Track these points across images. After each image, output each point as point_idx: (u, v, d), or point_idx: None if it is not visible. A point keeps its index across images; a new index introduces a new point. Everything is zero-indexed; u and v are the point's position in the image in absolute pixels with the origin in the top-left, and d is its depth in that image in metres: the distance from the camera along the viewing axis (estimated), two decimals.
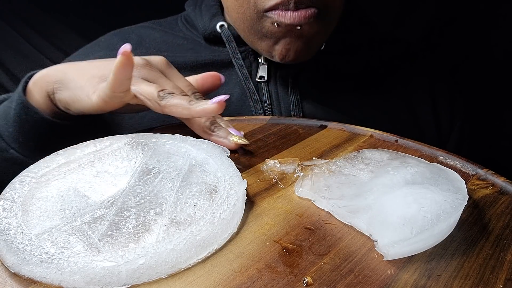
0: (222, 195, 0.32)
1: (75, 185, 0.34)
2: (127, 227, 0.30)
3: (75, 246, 0.28)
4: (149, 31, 0.65)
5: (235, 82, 0.59)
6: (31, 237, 0.28)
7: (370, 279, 0.27)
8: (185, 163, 0.36)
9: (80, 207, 0.32)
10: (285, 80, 0.58)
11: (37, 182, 0.34)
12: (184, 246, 0.28)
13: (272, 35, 0.52)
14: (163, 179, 0.34)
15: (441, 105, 0.63)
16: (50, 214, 0.31)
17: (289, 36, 0.52)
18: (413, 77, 0.64)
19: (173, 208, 0.32)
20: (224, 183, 0.34)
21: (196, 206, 0.32)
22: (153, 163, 0.36)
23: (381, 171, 0.35)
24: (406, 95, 0.62)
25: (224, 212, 0.30)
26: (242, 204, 0.33)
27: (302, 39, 0.52)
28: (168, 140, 0.39)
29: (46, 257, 0.26)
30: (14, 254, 0.27)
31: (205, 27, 0.61)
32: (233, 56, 0.59)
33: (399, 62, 0.64)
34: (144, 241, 0.29)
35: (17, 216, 0.30)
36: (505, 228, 0.33)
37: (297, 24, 0.49)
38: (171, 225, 0.30)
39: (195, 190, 0.34)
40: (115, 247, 0.28)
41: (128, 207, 0.31)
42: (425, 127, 0.61)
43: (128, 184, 0.34)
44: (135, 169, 0.36)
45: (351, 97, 0.60)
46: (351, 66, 0.61)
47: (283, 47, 0.53)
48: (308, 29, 0.51)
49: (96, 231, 0.29)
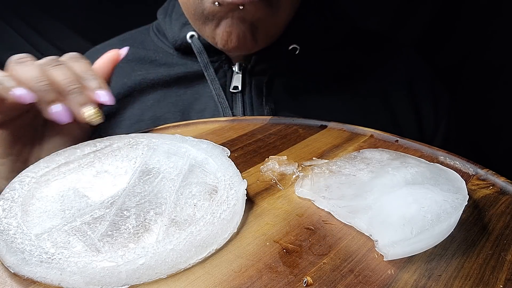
0: (222, 195, 0.32)
1: (75, 185, 0.34)
2: (127, 227, 0.30)
3: (75, 246, 0.28)
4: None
5: (209, 95, 0.57)
6: (31, 237, 0.28)
7: (370, 279, 0.27)
8: (185, 163, 0.36)
9: (80, 207, 0.32)
10: (259, 89, 0.57)
11: (37, 182, 0.34)
12: (184, 246, 0.28)
13: (214, 17, 0.50)
14: (163, 179, 0.34)
15: (422, 103, 0.61)
16: (50, 214, 0.31)
17: (230, 17, 0.50)
18: (392, 77, 0.61)
19: (173, 208, 0.32)
20: (224, 183, 0.33)
21: (196, 206, 0.32)
22: (153, 163, 0.36)
23: (382, 171, 0.35)
24: (385, 95, 0.60)
25: (224, 212, 0.30)
26: (242, 204, 0.32)
27: (245, 24, 0.50)
28: (168, 140, 0.39)
29: (46, 257, 0.26)
30: (14, 254, 0.27)
31: (174, 38, 0.59)
32: (205, 69, 0.57)
33: (378, 62, 0.62)
34: (144, 241, 0.29)
35: (17, 216, 0.30)
36: (505, 228, 0.33)
37: (240, 2, 0.47)
38: (171, 225, 0.30)
39: (195, 190, 0.34)
40: (115, 247, 0.28)
41: (128, 207, 0.31)
42: (404, 126, 0.59)
43: (128, 184, 0.34)
44: (135, 169, 0.35)
45: (326, 101, 0.58)
46: (326, 68, 0.60)
47: (223, 30, 0.51)
48: (252, 11, 0.48)
49: (96, 231, 0.29)
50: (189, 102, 0.58)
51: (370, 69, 0.61)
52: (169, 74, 0.58)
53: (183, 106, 0.57)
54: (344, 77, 0.60)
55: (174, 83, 0.58)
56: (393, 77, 0.61)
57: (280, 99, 0.57)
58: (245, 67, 0.57)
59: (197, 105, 0.57)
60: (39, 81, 0.37)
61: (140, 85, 0.59)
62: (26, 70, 0.37)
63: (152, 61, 0.61)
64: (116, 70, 0.51)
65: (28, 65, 0.38)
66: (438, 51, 0.91)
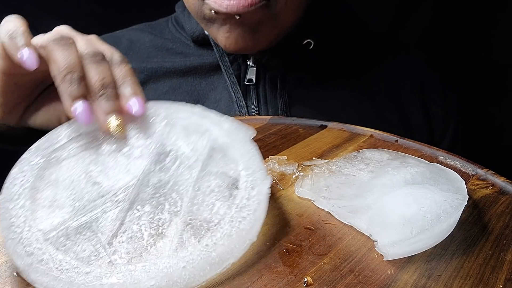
0: (243, 196, 0.29)
1: (87, 168, 0.31)
2: (139, 229, 0.28)
3: (84, 250, 0.27)
4: (140, 34, 0.64)
5: (224, 86, 0.58)
6: (38, 237, 0.27)
7: (370, 279, 0.27)
8: (205, 146, 0.33)
9: (90, 197, 0.30)
10: (274, 83, 0.58)
11: (47, 160, 0.31)
12: (197, 264, 0.26)
13: (214, 22, 0.51)
14: (180, 166, 0.32)
15: (432, 106, 0.62)
16: (59, 204, 0.29)
17: (228, 24, 0.50)
18: (403, 78, 0.62)
19: (189, 207, 0.29)
20: (246, 179, 0.30)
21: (214, 206, 0.30)
22: (171, 144, 0.33)
23: (381, 171, 0.35)
24: (395, 95, 0.61)
25: (243, 221, 0.28)
26: (263, 209, 0.29)
27: (244, 27, 0.51)
28: (188, 114, 0.35)
29: (53, 266, 0.26)
30: (20, 257, 0.26)
31: (192, 30, 0.60)
32: (220, 59, 0.58)
33: (388, 62, 0.63)
34: (157, 251, 0.27)
35: (25, 208, 0.28)
36: (505, 228, 0.33)
37: (235, 13, 0.48)
38: (185, 230, 0.28)
39: (214, 184, 0.31)
40: (125, 256, 0.27)
41: (141, 202, 0.29)
42: (415, 128, 0.60)
43: (143, 172, 0.31)
44: (151, 151, 0.32)
45: (340, 99, 0.59)
46: (340, 66, 0.61)
47: (223, 34, 0.52)
48: (249, 18, 0.49)
49: (106, 231, 0.28)
50: (204, 92, 0.58)
51: (381, 68, 0.62)
52: (185, 63, 0.59)
53: (198, 96, 0.58)
54: (356, 75, 0.61)
55: (189, 73, 0.59)
56: (404, 77, 0.62)
57: (294, 93, 0.58)
58: (259, 60, 0.58)
59: (212, 95, 0.58)
60: (72, 72, 0.33)
61: (156, 73, 0.59)
62: (65, 54, 0.33)
63: (169, 49, 0.62)
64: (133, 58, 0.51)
65: (68, 49, 0.33)
66: (439, 51, 0.91)
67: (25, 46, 0.33)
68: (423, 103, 0.61)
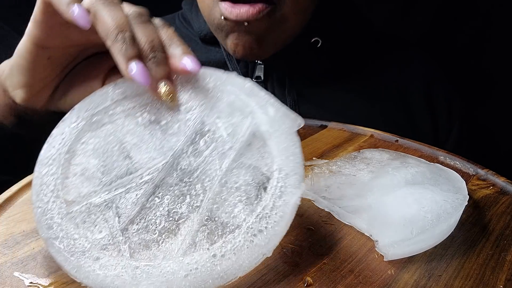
0: (267, 205, 0.27)
1: (123, 138, 0.30)
2: (155, 218, 0.27)
3: (100, 231, 0.27)
4: None
5: None
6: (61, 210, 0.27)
7: (370, 279, 0.27)
8: (245, 131, 0.30)
9: (118, 173, 0.29)
10: (282, 81, 0.58)
11: (88, 123, 0.30)
12: (199, 276, 0.25)
13: (223, 28, 0.52)
14: (213, 152, 0.29)
15: (437, 106, 0.62)
16: (88, 175, 0.29)
17: (237, 31, 0.51)
18: (409, 77, 0.63)
19: (210, 205, 0.28)
20: (276, 183, 0.28)
21: (236, 208, 0.28)
22: (210, 123, 0.30)
23: (382, 171, 0.35)
24: (403, 96, 0.61)
25: (259, 234, 0.26)
26: (286, 224, 0.27)
27: (251, 35, 0.51)
28: (236, 89, 0.31)
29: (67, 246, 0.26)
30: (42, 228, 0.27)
31: (200, 28, 0.61)
32: (227, 57, 0.58)
33: (395, 61, 0.64)
34: (166, 248, 0.26)
35: (56, 175, 0.28)
36: (505, 228, 0.33)
37: (244, 20, 0.49)
38: (200, 231, 0.27)
39: (242, 181, 0.28)
40: (135, 248, 0.27)
41: (165, 188, 0.28)
42: (422, 128, 0.61)
43: (174, 153, 0.29)
44: (189, 128, 0.30)
45: (347, 98, 0.59)
46: (347, 65, 0.61)
47: (231, 41, 0.52)
48: (257, 26, 0.50)
49: (124, 215, 0.27)
50: None
51: (388, 68, 0.63)
52: None
53: None
54: (363, 74, 0.61)
55: None
56: (411, 78, 0.63)
57: (303, 91, 0.58)
58: (267, 60, 0.58)
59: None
60: (124, 31, 0.30)
61: None
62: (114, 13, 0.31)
63: None
64: None
65: (116, 8, 0.31)
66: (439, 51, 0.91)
67: (75, 2, 0.31)
68: (429, 104, 0.62)
